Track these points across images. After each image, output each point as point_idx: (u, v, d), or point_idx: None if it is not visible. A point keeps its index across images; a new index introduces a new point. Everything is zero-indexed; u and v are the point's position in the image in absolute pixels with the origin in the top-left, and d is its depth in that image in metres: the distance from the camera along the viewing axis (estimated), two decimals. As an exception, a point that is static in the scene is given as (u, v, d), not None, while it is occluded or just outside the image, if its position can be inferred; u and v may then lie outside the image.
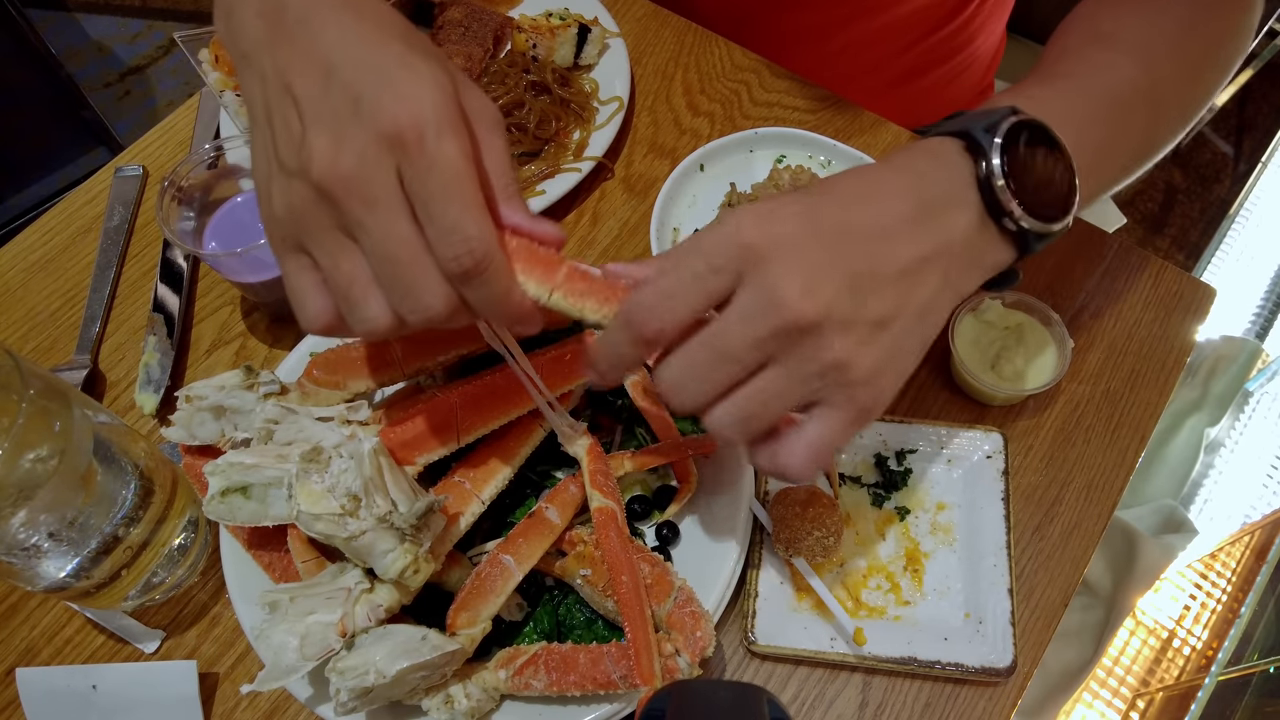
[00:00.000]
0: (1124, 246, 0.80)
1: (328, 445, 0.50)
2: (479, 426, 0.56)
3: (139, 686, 0.59)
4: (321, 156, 0.40)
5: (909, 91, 1.04)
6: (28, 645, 0.64)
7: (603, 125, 0.85)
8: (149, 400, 0.72)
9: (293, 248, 0.44)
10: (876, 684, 0.62)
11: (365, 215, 0.41)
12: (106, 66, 2.32)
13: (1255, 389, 1.61)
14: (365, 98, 0.40)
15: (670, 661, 0.53)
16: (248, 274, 0.69)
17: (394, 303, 0.42)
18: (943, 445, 0.68)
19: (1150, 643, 1.38)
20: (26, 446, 0.49)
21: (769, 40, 0.92)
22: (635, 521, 0.63)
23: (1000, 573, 0.63)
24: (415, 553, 0.49)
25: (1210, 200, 2.17)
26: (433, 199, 0.40)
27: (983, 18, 1.01)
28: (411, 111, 0.40)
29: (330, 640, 0.50)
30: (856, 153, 0.81)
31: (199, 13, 2.44)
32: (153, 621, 0.64)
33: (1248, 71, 2.18)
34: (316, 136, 0.41)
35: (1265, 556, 1.30)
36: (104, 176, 0.86)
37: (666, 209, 0.79)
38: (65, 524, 0.53)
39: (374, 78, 0.41)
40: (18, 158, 1.84)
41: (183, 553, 0.63)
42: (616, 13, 0.93)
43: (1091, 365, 0.74)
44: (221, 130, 0.84)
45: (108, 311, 0.78)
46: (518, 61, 0.86)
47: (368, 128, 0.40)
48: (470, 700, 0.53)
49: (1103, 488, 0.69)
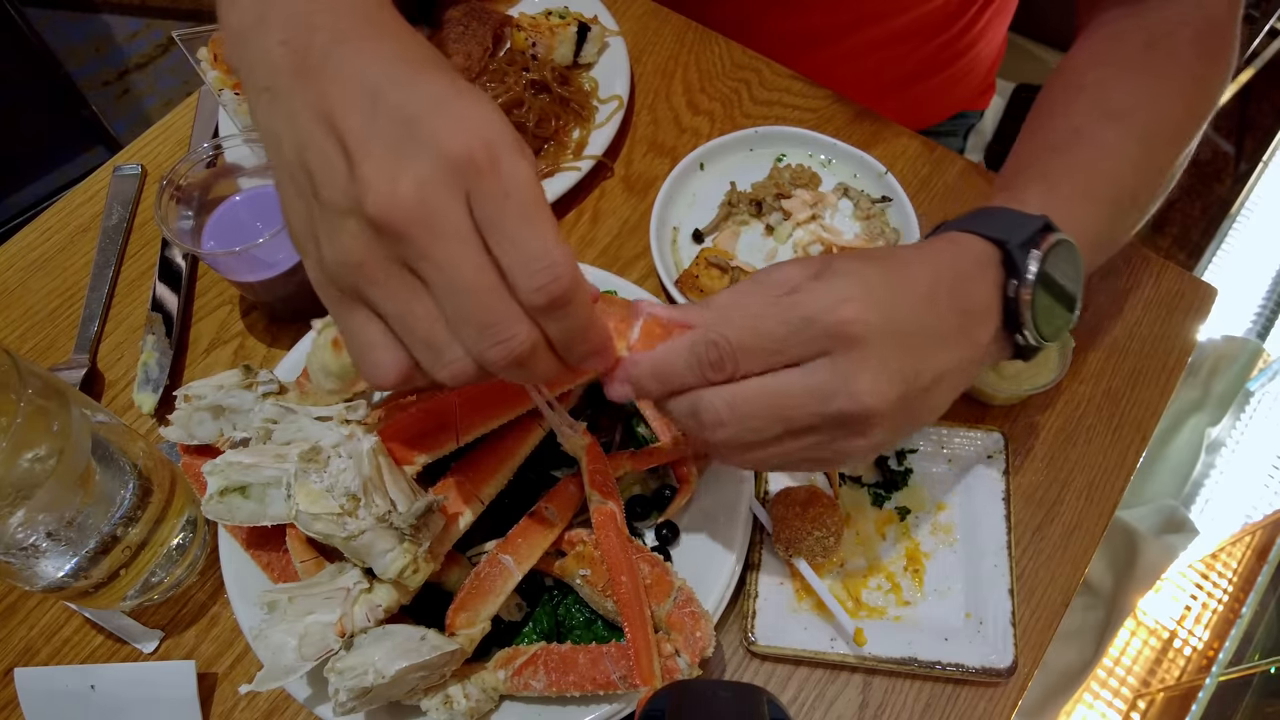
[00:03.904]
0: (1125, 246, 0.80)
1: (326, 445, 0.50)
2: (478, 426, 0.56)
3: (137, 686, 0.59)
4: (378, 187, 0.36)
5: (912, 93, 1.04)
6: (26, 645, 0.64)
7: (602, 124, 0.85)
8: (147, 400, 0.72)
9: (351, 299, 0.40)
10: (876, 684, 0.62)
11: (433, 247, 0.36)
12: (105, 65, 2.31)
13: (1256, 389, 1.61)
14: (421, 121, 0.37)
15: (670, 662, 0.53)
16: (246, 273, 0.69)
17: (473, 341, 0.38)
18: (943, 445, 0.68)
19: (1151, 643, 1.38)
20: (25, 446, 0.49)
21: (773, 44, 0.92)
22: (635, 521, 0.63)
23: (1001, 573, 0.62)
24: (414, 552, 0.49)
25: (1211, 200, 2.17)
26: (513, 224, 0.37)
27: (985, 21, 1.01)
28: (480, 133, 0.36)
29: (329, 640, 0.50)
30: (857, 152, 0.81)
31: (198, 11, 2.44)
32: (151, 621, 0.64)
33: (1248, 71, 2.17)
34: (369, 166, 0.36)
35: (1266, 557, 1.30)
36: (102, 175, 0.85)
37: (666, 208, 0.79)
38: (63, 524, 0.53)
39: (428, 101, 0.37)
40: (16, 156, 1.84)
41: (181, 552, 0.63)
42: (616, 11, 0.92)
43: (1092, 365, 0.74)
44: (220, 129, 0.84)
45: (106, 310, 0.78)
46: (517, 60, 0.86)
47: (429, 151, 0.36)
48: (469, 700, 0.53)
49: (1103, 487, 0.69)
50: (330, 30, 0.40)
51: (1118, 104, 0.62)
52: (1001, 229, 0.52)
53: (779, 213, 0.79)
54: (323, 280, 0.41)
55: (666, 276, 0.74)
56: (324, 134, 0.38)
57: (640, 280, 0.77)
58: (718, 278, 0.72)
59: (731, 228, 0.80)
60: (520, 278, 0.37)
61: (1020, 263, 0.50)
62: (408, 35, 0.42)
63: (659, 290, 0.76)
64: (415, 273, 0.38)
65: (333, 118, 0.38)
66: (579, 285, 0.38)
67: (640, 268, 0.79)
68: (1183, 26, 0.64)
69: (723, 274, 0.72)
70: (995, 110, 1.44)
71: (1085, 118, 0.62)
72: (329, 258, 0.39)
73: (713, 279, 0.72)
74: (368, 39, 0.40)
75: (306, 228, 0.40)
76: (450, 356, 0.39)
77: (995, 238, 0.51)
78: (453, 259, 0.37)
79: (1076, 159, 0.60)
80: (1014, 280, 0.50)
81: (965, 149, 1.18)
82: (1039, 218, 0.52)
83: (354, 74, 0.39)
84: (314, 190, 0.39)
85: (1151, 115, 0.62)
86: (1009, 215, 0.53)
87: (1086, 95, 0.64)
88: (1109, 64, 0.65)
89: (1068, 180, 0.59)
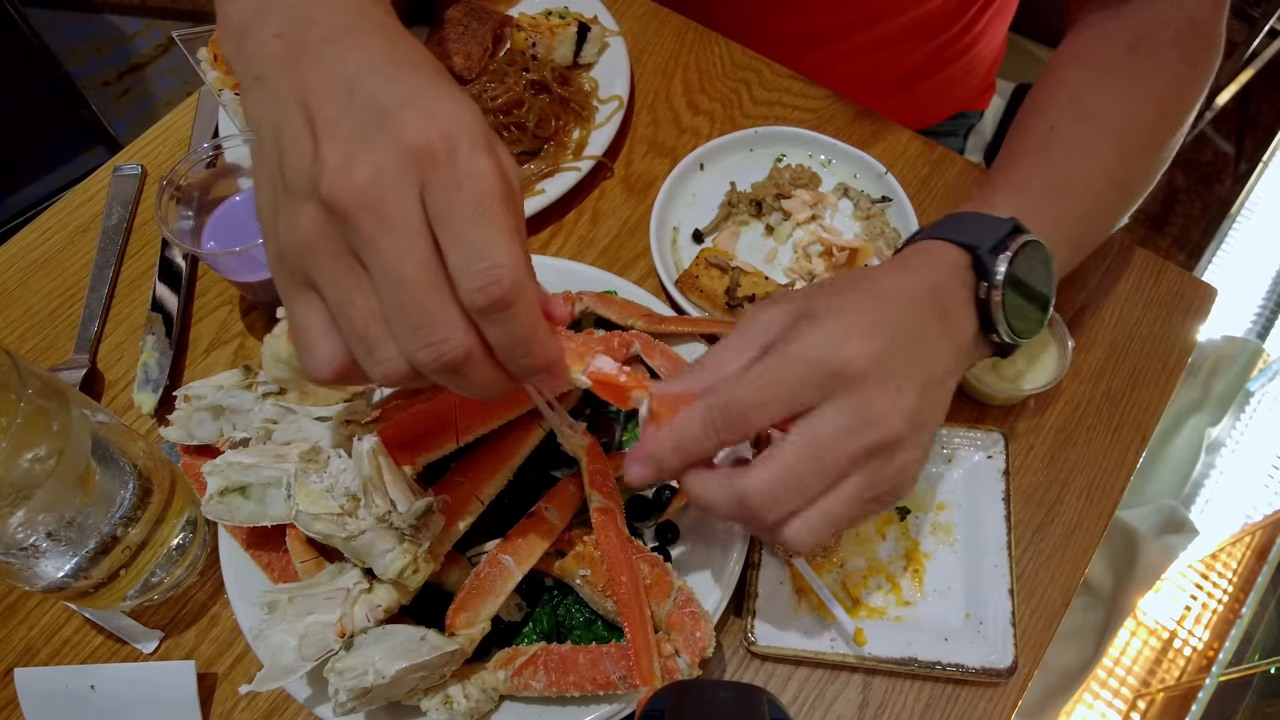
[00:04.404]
0: (1125, 246, 0.80)
1: (326, 445, 0.50)
2: (478, 426, 0.56)
3: (137, 686, 0.59)
4: (333, 169, 0.36)
5: (912, 93, 1.04)
6: (26, 645, 0.64)
7: (602, 124, 0.85)
8: (147, 400, 0.71)
9: (300, 284, 0.39)
10: (876, 684, 0.62)
11: (378, 234, 0.36)
12: (105, 65, 2.31)
13: (1256, 389, 1.61)
14: (391, 111, 0.36)
15: (670, 662, 0.53)
16: (246, 273, 0.69)
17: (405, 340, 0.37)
18: (943, 445, 0.68)
19: (1151, 643, 1.38)
20: (24, 446, 0.49)
21: (773, 44, 0.92)
22: (635, 521, 0.63)
23: (1001, 573, 0.62)
24: (414, 553, 0.49)
25: (1211, 200, 2.17)
26: (460, 217, 0.36)
27: (985, 21, 1.01)
28: (442, 127, 0.36)
29: (329, 640, 0.50)
30: (857, 152, 0.81)
31: (197, 11, 2.44)
32: (151, 621, 0.64)
33: (1248, 71, 2.17)
34: (330, 149, 0.36)
35: (1266, 557, 1.30)
36: (102, 175, 0.85)
37: (666, 208, 0.79)
38: (63, 524, 0.53)
39: (402, 94, 0.37)
40: (16, 156, 1.84)
41: (181, 552, 0.63)
42: (616, 11, 0.92)
43: (1092, 365, 0.74)
44: (220, 129, 0.84)
45: (106, 311, 0.78)
46: (517, 60, 0.86)
47: (390, 140, 0.36)
48: (469, 701, 0.53)
49: (1104, 487, 0.69)
50: (325, 25, 0.41)
51: (1092, 105, 0.63)
52: (971, 234, 0.53)
53: (779, 213, 0.79)
54: (278, 263, 0.40)
55: (666, 277, 0.74)
56: (300, 119, 0.38)
57: (640, 280, 0.77)
58: (718, 278, 0.72)
59: (731, 228, 0.80)
60: (462, 275, 0.36)
61: (990, 266, 0.52)
62: (400, 35, 0.42)
63: (659, 290, 0.76)
64: (362, 262, 0.37)
65: (309, 105, 0.38)
66: (523, 290, 0.36)
67: (640, 268, 0.79)
68: (1164, 28, 0.65)
69: (723, 274, 0.72)
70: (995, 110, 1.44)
71: (1062, 115, 0.63)
72: (284, 238, 0.39)
73: (713, 279, 0.72)
74: (360, 35, 0.41)
75: (271, 210, 0.40)
76: (382, 354, 0.37)
77: (965, 243, 0.53)
78: (395, 249, 0.36)
79: (1048, 160, 0.61)
80: (984, 283, 0.52)
81: (965, 149, 1.18)
82: (1008, 221, 0.54)
83: (338, 65, 0.39)
84: (281, 173, 0.39)
85: (1125, 118, 0.63)
86: (979, 220, 0.55)
87: (1064, 93, 0.65)
88: (1090, 64, 0.66)
89: (1038, 180, 0.60)
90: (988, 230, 0.53)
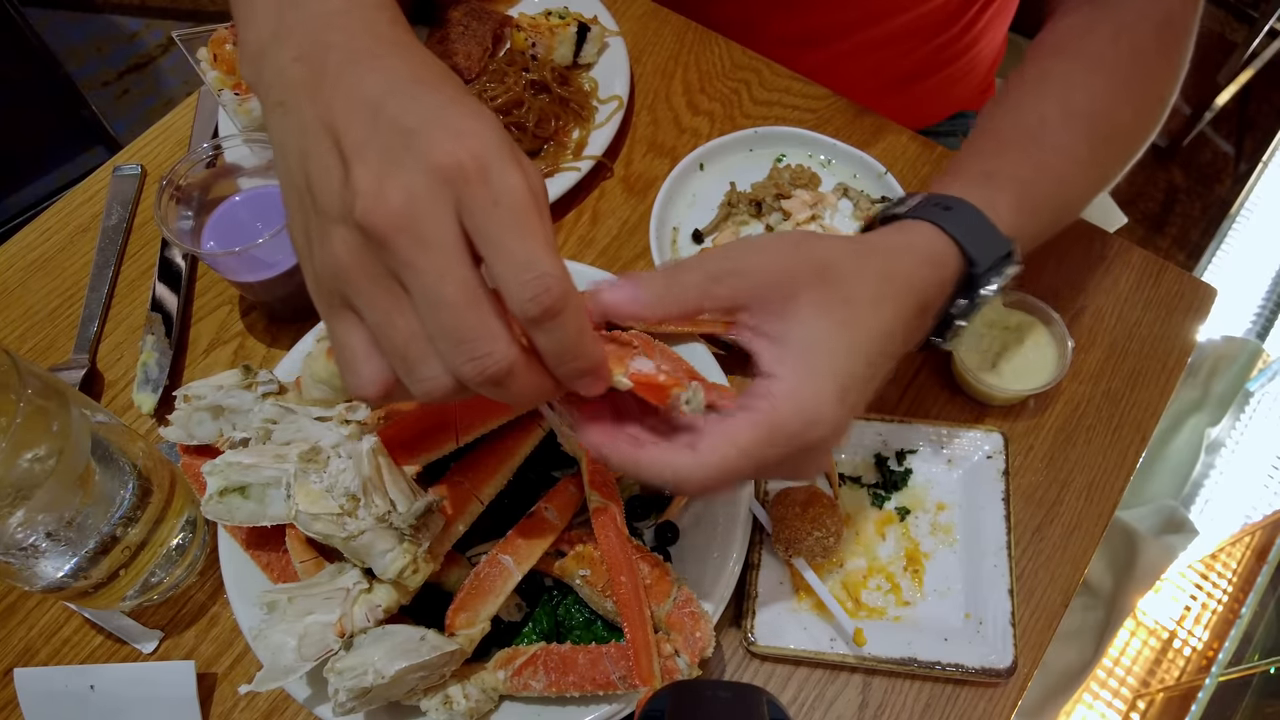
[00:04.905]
0: (1125, 246, 0.80)
1: (326, 445, 0.50)
2: (478, 426, 0.56)
3: (137, 686, 0.59)
4: (365, 193, 0.36)
5: (912, 93, 1.04)
6: (25, 645, 0.64)
7: (602, 124, 0.85)
8: (147, 400, 0.71)
9: (340, 306, 0.40)
10: (876, 685, 0.62)
11: (416, 255, 0.36)
12: (105, 65, 2.31)
13: (1256, 389, 1.61)
14: (418, 132, 0.37)
15: (669, 662, 0.53)
16: (246, 273, 0.69)
17: (449, 356, 0.37)
18: (943, 445, 0.68)
19: (1151, 643, 1.38)
20: (24, 446, 0.49)
21: (773, 44, 0.92)
22: (635, 521, 0.63)
23: (1000, 573, 0.62)
24: (414, 553, 0.49)
25: (1211, 200, 2.17)
26: (502, 233, 0.36)
27: (985, 21, 1.01)
28: (471, 146, 0.36)
29: (328, 640, 0.50)
30: (857, 152, 0.81)
31: (197, 11, 2.44)
32: (151, 621, 0.64)
33: (1248, 71, 2.17)
34: (360, 172, 0.37)
35: (1266, 557, 1.30)
36: (102, 175, 0.85)
37: (666, 208, 0.79)
38: (63, 524, 0.53)
39: (427, 113, 0.37)
40: (16, 156, 1.84)
41: (181, 553, 0.63)
42: (616, 11, 0.92)
43: (1092, 365, 0.74)
44: (220, 129, 0.84)
45: (106, 311, 0.78)
46: (517, 60, 0.86)
47: (421, 161, 0.36)
48: (469, 701, 0.53)
49: (1103, 488, 0.69)
50: (343, 48, 0.41)
51: (1079, 104, 0.63)
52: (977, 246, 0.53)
53: (779, 213, 0.79)
54: (316, 287, 0.41)
55: (666, 277, 0.74)
56: (327, 144, 0.39)
57: (640, 280, 0.77)
58: (717, 278, 0.72)
59: (731, 228, 0.80)
60: (512, 287, 0.36)
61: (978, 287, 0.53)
62: (418, 52, 0.42)
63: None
64: (401, 283, 0.37)
65: (336, 129, 0.38)
66: (571, 296, 0.37)
67: (640, 268, 0.79)
68: (1143, 20, 0.66)
69: (722, 274, 0.72)
70: (995, 110, 1.43)
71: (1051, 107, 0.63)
72: (320, 264, 0.39)
73: (712, 279, 0.72)
74: (380, 56, 0.41)
75: (304, 236, 0.41)
76: (425, 372, 0.38)
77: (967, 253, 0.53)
78: (435, 269, 0.36)
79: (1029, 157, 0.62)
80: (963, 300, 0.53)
81: (965, 149, 1.18)
82: (1006, 242, 0.54)
83: (360, 88, 0.39)
84: (312, 198, 0.39)
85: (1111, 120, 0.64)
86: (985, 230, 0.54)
87: (1054, 87, 0.65)
88: (1077, 57, 0.66)
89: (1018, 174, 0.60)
90: (989, 246, 0.54)
